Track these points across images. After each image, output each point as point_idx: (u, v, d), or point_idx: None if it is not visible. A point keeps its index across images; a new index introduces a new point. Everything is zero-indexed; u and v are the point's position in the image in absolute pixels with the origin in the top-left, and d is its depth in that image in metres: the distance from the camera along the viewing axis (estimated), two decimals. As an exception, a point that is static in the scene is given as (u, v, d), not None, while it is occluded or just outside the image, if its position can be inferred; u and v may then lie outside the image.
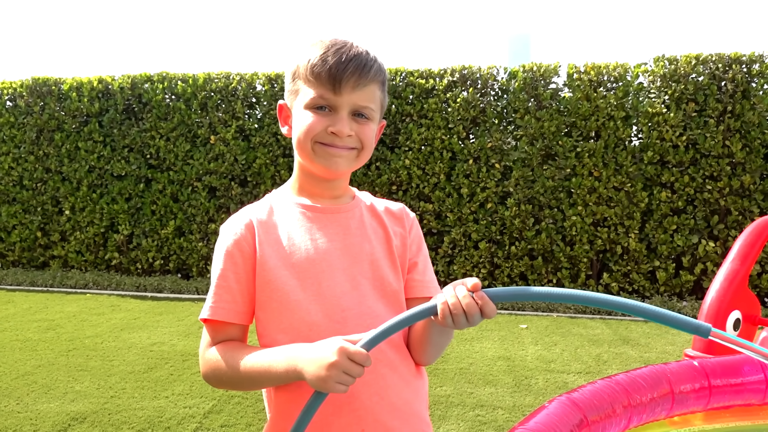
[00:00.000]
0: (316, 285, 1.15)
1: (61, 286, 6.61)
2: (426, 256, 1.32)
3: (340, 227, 1.21)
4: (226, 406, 3.38)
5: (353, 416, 1.13)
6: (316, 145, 1.15)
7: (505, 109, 5.94)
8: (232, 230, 1.18)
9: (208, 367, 1.15)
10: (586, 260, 5.73)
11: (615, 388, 1.61)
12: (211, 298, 1.16)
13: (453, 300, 1.01)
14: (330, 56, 1.13)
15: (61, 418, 3.23)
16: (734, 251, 2.92)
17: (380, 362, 1.15)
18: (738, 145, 5.35)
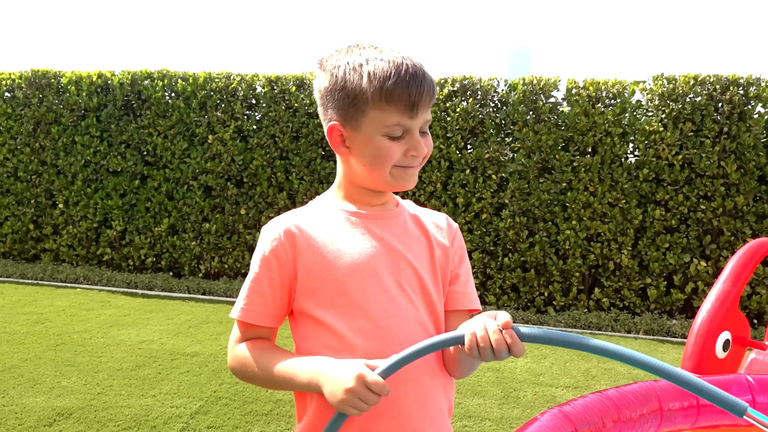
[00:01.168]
0: (361, 290, 1.15)
1: (52, 280, 6.57)
2: (468, 268, 1.32)
3: (384, 233, 1.21)
4: (214, 407, 3.36)
5: (393, 423, 1.13)
6: (395, 170, 1.15)
7: (504, 121, 5.96)
8: (271, 236, 1.18)
9: (236, 362, 1.17)
10: (578, 274, 5.75)
11: (606, 403, 1.62)
12: (243, 300, 1.17)
13: (482, 333, 1.01)
14: (407, 78, 1.09)
15: (47, 413, 3.21)
16: (726, 272, 2.94)
17: (422, 370, 1.16)
18: (733, 167, 5.38)
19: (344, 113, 1.14)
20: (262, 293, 1.16)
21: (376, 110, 1.11)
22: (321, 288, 1.14)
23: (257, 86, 6.46)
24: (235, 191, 6.45)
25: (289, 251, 1.16)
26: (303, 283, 1.15)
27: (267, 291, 1.16)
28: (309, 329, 1.16)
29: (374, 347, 1.10)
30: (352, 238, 1.18)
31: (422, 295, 1.20)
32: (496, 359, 1.02)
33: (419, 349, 1.04)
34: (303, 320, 1.17)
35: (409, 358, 1.04)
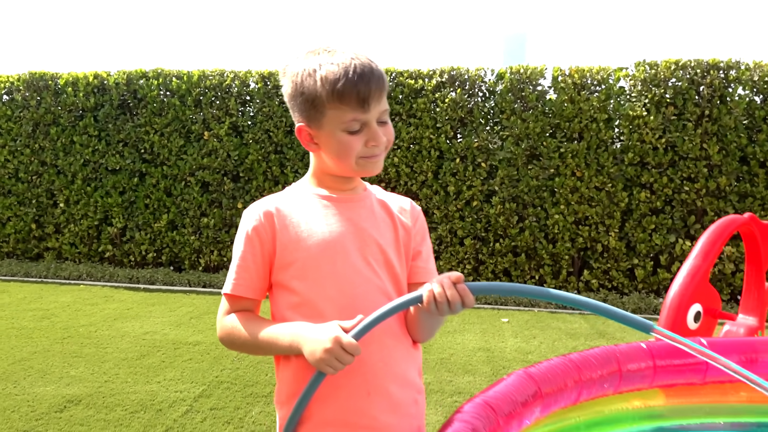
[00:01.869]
0: (331, 264, 1.30)
1: (55, 278, 6.73)
2: (429, 246, 1.48)
3: (352, 214, 1.36)
4: (216, 391, 3.53)
5: (361, 379, 1.28)
6: (360, 160, 1.29)
7: (492, 110, 6.11)
8: (253, 216, 1.33)
9: (224, 332, 1.32)
10: (567, 257, 5.91)
11: (568, 365, 1.77)
12: (233, 276, 1.32)
13: (438, 290, 1.18)
14: (354, 78, 1.23)
15: (57, 400, 3.37)
16: (697, 248, 3.09)
17: (385, 333, 1.31)
18: (715, 148, 5.53)
19: (307, 115, 1.29)
20: (248, 268, 1.31)
21: (332, 110, 1.25)
22: (296, 262, 1.30)
23: (251, 82, 6.60)
24: (231, 186, 6.60)
25: (268, 230, 1.31)
26: (281, 258, 1.30)
27: (251, 266, 1.31)
28: (285, 299, 1.31)
29: (343, 313, 1.25)
30: (324, 219, 1.33)
31: (386, 268, 1.35)
32: (451, 312, 1.18)
33: (386, 311, 1.20)
34: (280, 291, 1.32)
35: (378, 319, 1.20)
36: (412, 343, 1.38)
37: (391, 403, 1.30)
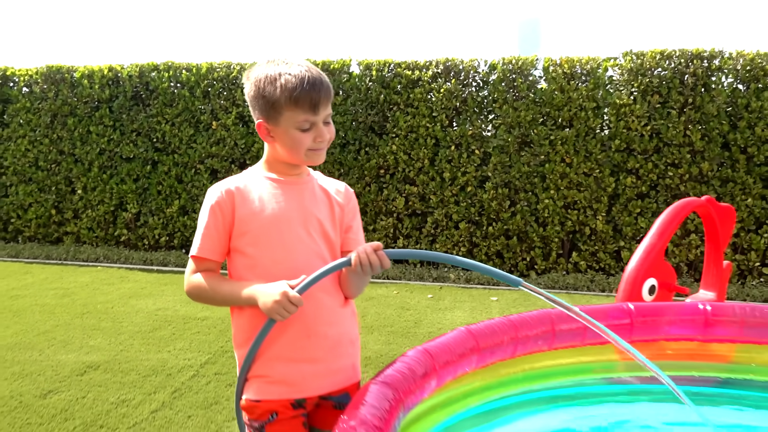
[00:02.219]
0: (279, 233, 1.62)
1: (74, 260, 7.14)
2: (359, 222, 1.82)
3: (297, 194, 1.68)
4: (220, 359, 3.89)
5: (302, 325, 1.61)
6: (308, 152, 1.61)
7: (485, 99, 6.38)
8: (216, 193, 1.65)
9: (192, 287, 1.63)
10: (557, 240, 6.20)
11: (506, 324, 2.09)
12: (199, 240, 1.63)
13: (363, 255, 1.52)
14: (307, 87, 1.54)
15: (78, 366, 3.75)
16: (653, 228, 3.39)
17: (320, 290, 1.63)
18: (697, 135, 5.78)
19: (266, 114, 1.60)
20: (211, 235, 1.62)
21: (288, 111, 1.57)
22: (250, 231, 1.61)
23: (256, 74, 6.91)
24: (238, 173, 6.93)
25: (229, 204, 1.62)
26: (238, 228, 1.62)
27: (214, 233, 1.62)
28: (241, 261, 1.63)
29: (288, 274, 1.57)
30: (274, 198, 1.64)
31: (324, 238, 1.67)
32: (373, 272, 1.51)
33: (323, 271, 1.53)
34: (237, 255, 1.64)
35: (317, 278, 1.52)
36: (344, 299, 1.70)
37: (327, 343, 1.62)
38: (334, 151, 6.66)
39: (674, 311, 2.29)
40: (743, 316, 2.22)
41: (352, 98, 6.63)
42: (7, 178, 7.70)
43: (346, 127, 6.65)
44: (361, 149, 6.67)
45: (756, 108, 5.65)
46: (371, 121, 6.62)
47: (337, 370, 1.64)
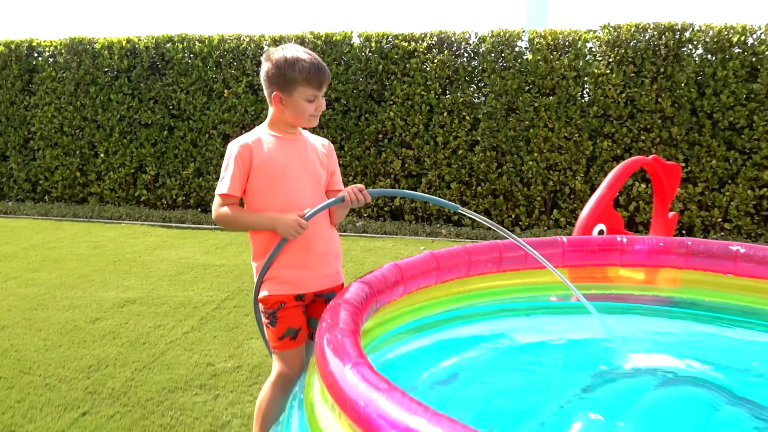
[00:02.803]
0: (284, 178, 2.23)
1: (99, 218, 7.80)
2: (338, 169, 2.42)
3: (295, 148, 2.28)
4: (237, 296, 4.55)
5: (302, 244, 2.20)
6: (309, 117, 2.21)
7: (476, 69, 6.91)
8: (237, 146, 2.21)
9: (220, 215, 2.23)
10: (539, 199, 6.79)
11: (462, 250, 2.70)
12: (228, 182, 2.20)
13: (352, 194, 2.14)
14: (317, 68, 2.14)
15: (117, 301, 4.42)
16: (604, 182, 3.96)
17: (318, 219, 2.24)
18: (668, 102, 6.31)
19: (282, 88, 2.18)
20: (235, 178, 2.20)
21: (302, 87, 2.15)
22: (261, 175, 2.20)
23: (264, 45, 7.46)
24: (249, 137, 7.53)
25: (247, 155, 2.20)
26: (254, 172, 2.20)
27: (237, 177, 2.20)
28: (256, 197, 2.21)
29: (292, 207, 2.17)
30: (277, 150, 2.23)
31: (317, 180, 2.27)
32: (358, 206, 2.12)
33: (324, 205, 2.14)
34: (252, 193, 2.22)
35: (319, 210, 2.14)
36: (330, 224, 2.32)
37: (319, 255, 2.24)
38: (336, 117, 7.23)
39: (597, 243, 2.90)
40: (650, 245, 2.83)
41: (353, 68, 7.17)
42: (34, 142, 8.32)
43: (347, 95, 7.21)
44: (361, 116, 7.24)
45: (722, 77, 6.17)
46: (370, 89, 7.17)
47: (326, 275, 2.27)
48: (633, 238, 2.91)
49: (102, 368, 3.29)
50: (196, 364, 3.34)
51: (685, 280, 2.83)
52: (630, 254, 2.86)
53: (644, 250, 2.84)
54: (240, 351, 3.53)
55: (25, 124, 8.32)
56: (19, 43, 8.22)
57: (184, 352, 3.51)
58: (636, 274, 2.88)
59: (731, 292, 2.73)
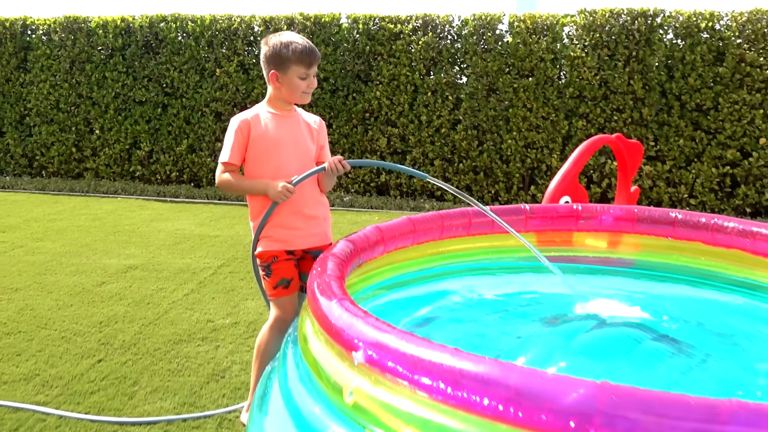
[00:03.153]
0: (276, 150, 2.56)
1: (96, 193, 8.07)
2: (327, 142, 2.75)
3: (290, 124, 2.60)
4: (232, 263, 4.89)
5: (293, 207, 2.54)
6: (302, 94, 2.52)
7: (458, 51, 7.22)
8: (238, 121, 2.54)
9: (222, 181, 2.56)
10: (518, 175, 7.16)
11: (436, 215, 3.06)
12: (228, 152, 2.53)
13: (332, 164, 2.46)
14: (308, 50, 2.46)
15: (120, 267, 4.75)
16: (570, 158, 4.32)
17: (306, 185, 2.57)
18: (639, 84, 6.66)
19: (278, 68, 2.50)
20: (235, 149, 2.52)
21: (295, 66, 2.48)
22: (257, 147, 2.53)
23: (254, 26, 7.71)
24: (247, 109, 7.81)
25: (246, 129, 2.53)
26: (251, 145, 2.53)
27: (237, 148, 2.53)
28: (251, 166, 2.55)
29: (284, 174, 2.50)
30: (272, 125, 2.56)
31: (306, 152, 2.60)
32: (339, 174, 2.46)
33: (308, 173, 2.47)
34: (250, 162, 2.55)
35: (304, 177, 2.47)
36: (320, 191, 2.65)
37: (307, 217, 2.58)
38: (325, 96, 7.53)
39: (556, 210, 3.27)
40: (601, 214, 3.20)
41: (341, 49, 7.45)
42: (30, 119, 8.55)
43: (335, 75, 7.50)
44: (348, 95, 7.53)
45: (690, 60, 6.52)
46: (358, 69, 7.47)
47: (314, 234, 2.61)
48: (587, 206, 3.28)
49: (112, 324, 3.63)
50: (197, 321, 3.69)
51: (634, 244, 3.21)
52: (585, 221, 3.23)
53: (597, 217, 3.21)
54: (237, 310, 3.88)
55: (21, 100, 8.54)
56: (14, 20, 8.41)
57: (186, 310, 3.86)
58: (591, 239, 3.25)
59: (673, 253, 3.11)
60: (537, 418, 1.30)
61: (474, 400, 1.39)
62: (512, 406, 1.33)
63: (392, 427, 1.56)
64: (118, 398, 2.78)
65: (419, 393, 1.49)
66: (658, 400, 1.22)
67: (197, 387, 2.89)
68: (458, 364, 1.44)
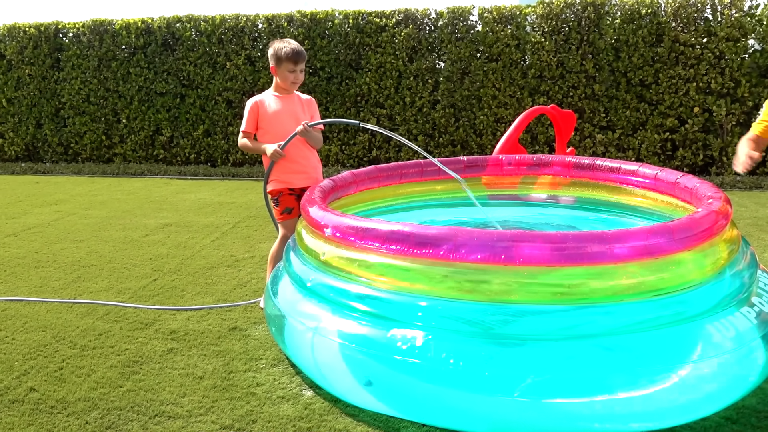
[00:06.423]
0: (277, 122, 3.69)
1: (125, 174, 9.26)
2: (318, 115, 3.89)
3: (288, 102, 3.73)
4: (247, 220, 6.05)
5: (292, 160, 3.67)
6: (291, 84, 3.66)
7: (435, 40, 8.31)
8: (252, 101, 3.67)
9: (241, 144, 3.71)
10: (490, 147, 8.25)
11: (396, 165, 4.19)
12: (245, 123, 3.68)
13: (301, 128, 3.57)
14: (295, 51, 3.57)
15: (158, 224, 5.93)
16: (512, 125, 5.42)
17: (298, 146, 3.70)
18: (591, 64, 7.73)
19: (276, 64, 3.63)
20: (249, 121, 3.65)
21: (285, 63, 3.60)
22: (263, 120, 3.64)
23: (259, 23, 8.83)
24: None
25: (257, 108, 3.65)
26: (260, 118, 3.65)
27: (250, 120, 3.65)
28: (260, 134, 3.66)
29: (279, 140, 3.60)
30: (275, 104, 3.67)
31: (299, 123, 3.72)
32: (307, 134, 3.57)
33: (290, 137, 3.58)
34: (259, 131, 3.67)
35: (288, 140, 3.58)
36: (310, 148, 3.77)
37: (301, 165, 3.69)
38: (321, 83, 8.65)
39: (488, 161, 4.39)
40: (508, 164, 4.33)
41: (334, 41, 8.56)
42: (65, 111, 9.72)
43: (330, 64, 8.61)
44: (342, 81, 8.65)
45: (633, 42, 7.58)
46: (349, 59, 8.57)
47: (308, 176, 3.73)
48: (509, 156, 4.40)
49: (159, 259, 4.81)
50: (223, 256, 4.86)
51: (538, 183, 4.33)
52: (508, 167, 4.35)
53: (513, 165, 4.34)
54: (253, 249, 5.04)
55: (56, 95, 9.71)
56: (47, 25, 9.56)
57: (214, 250, 5.03)
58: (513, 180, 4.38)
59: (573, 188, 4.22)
60: (426, 252, 2.43)
61: (392, 248, 2.52)
62: (413, 248, 2.46)
63: (346, 269, 2.70)
64: (172, 299, 3.94)
65: (363, 247, 2.63)
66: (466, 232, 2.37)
67: (227, 292, 4.05)
68: (383, 228, 2.58)
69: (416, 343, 2.34)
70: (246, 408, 2.58)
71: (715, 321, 2.33)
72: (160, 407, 2.60)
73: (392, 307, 2.48)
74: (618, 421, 2.22)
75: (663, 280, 2.29)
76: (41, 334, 3.40)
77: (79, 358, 3.08)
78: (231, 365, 2.97)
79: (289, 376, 2.85)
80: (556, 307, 2.28)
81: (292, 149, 3.61)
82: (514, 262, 2.25)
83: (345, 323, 2.56)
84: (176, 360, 3.04)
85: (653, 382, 2.20)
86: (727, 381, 2.30)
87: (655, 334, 2.28)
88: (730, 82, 7.41)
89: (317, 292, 2.77)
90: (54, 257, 4.91)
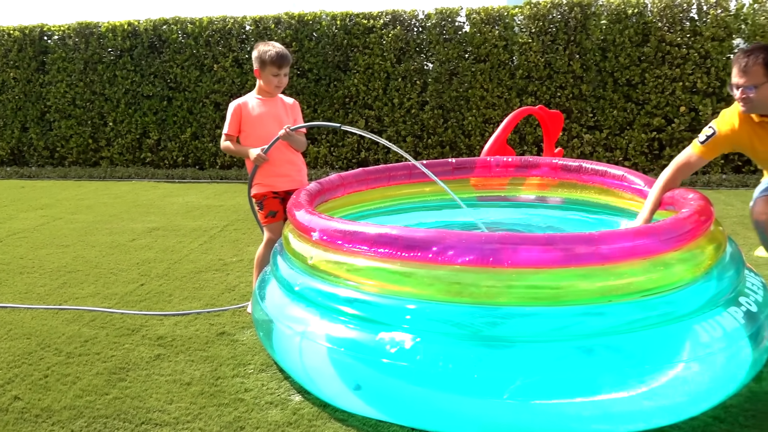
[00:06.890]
0: (260, 125, 3.66)
1: (112, 177, 9.19)
2: (301, 118, 3.86)
3: (271, 106, 3.71)
4: (235, 223, 6.02)
5: (274, 165, 3.66)
6: (275, 87, 3.63)
7: (424, 41, 8.31)
8: (235, 104, 3.65)
9: (223, 147, 3.67)
10: (479, 148, 8.26)
11: (384, 167, 4.18)
12: (227, 126, 3.65)
13: (283, 132, 3.55)
14: (280, 55, 3.54)
15: (145, 228, 5.88)
16: (500, 125, 5.43)
17: (281, 149, 3.68)
18: (578, 64, 7.76)
19: (260, 66, 3.60)
20: (232, 125, 3.62)
21: (269, 66, 3.58)
22: (246, 123, 3.62)
23: (246, 25, 8.79)
24: (236, 105, 8.92)
25: (239, 111, 3.62)
26: (243, 121, 3.62)
27: (233, 123, 3.62)
28: (243, 137, 3.63)
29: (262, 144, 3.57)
30: (258, 108, 3.65)
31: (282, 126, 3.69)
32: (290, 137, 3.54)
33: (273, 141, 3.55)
34: (242, 134, 3.64)
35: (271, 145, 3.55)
36: (293, 151, 3.74)
37: (286, 169, 3.66)
38: (309, 85, 8.62)
39: (476, 162, 4.38)
40: (497, 166, 4.32)
41: (322, 43, 8.54)
42: (50, 115, 9.64)
43: (318, 66, 8.58)
44: (330, 83, 8.63)
45: (619, 42, 7.62)
46: (337, 60, 8.56)
47: (292, 180, 3.71)
48: (497, 158, 4.40)
49: (146, 264, 4.77)
50: (211, 260, 4.82)
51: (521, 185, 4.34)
52: (497, 169, 4.36)
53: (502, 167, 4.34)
54: (241, 252, 5.01)
55: (42, 99, 9.62)
56: (32, 28, 9.47)
57: (201, 254, 4.99)
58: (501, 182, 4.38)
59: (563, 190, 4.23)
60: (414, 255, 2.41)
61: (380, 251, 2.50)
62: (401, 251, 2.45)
63: (334, 273, 2.68)
64: (160, 304, 3.91)
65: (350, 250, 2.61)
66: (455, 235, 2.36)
67: (215, 296, 4.02)
68: (371, 231, 2.57)
69: (405, 346, 2.33)
70: (234, 414, 2.56)
71: (703, 321, 2.34)
72: (147, 414, 2.57)
73: (380, 311, 2.47)
74: (607, 421, 2.22)
75: (651, 280, 2.29)
76: (26, 341, 3.36)
77: (64, 366, 3.04)
78: (219, 371, 2.95)
79: (277, 381, 2.83)
80: (544, 308, 2.28)
81: (275, 153, 3.58)
82: (503, 264, 2.25)
83: (333, 327, 2.55)
84: (163, 366, 3.01)
85: (642, 383, 2.20)
86: (715, 380, 2.30)
87: (643, 334, 2.28)
88: (716, 81, 7.46)
89: (305, 296, 2.76)
90: (39, 263, 4.86)
